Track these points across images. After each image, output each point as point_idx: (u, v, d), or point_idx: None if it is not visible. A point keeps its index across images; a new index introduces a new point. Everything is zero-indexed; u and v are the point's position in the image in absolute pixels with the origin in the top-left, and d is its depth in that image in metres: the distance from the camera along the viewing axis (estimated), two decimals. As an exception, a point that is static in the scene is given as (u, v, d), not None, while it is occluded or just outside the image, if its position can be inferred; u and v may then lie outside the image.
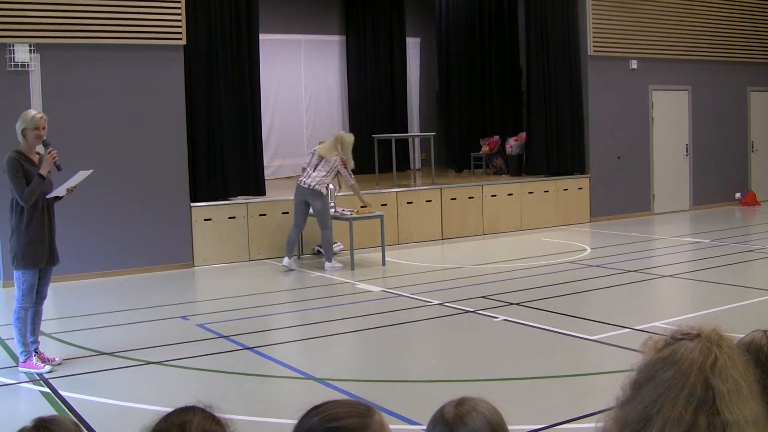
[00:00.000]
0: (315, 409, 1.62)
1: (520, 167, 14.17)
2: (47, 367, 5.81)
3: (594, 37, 13.59)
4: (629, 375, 1.61)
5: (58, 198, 6.13)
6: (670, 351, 1.56)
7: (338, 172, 9.88)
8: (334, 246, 10.93)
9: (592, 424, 4.59)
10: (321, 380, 5.49)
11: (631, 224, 13.27)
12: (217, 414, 1.73)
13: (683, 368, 1.51)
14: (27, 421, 1.71)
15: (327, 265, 9.88)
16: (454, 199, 12.35)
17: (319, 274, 9.70)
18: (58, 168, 5.97)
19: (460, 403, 1.65)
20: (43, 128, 5.92)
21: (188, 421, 1.65)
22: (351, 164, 10.04)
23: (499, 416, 1.66)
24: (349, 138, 10.14)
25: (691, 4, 14.72)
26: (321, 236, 10.04)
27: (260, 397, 5.33)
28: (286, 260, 9.89)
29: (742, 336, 1.89)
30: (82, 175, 6.15)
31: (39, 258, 5.86)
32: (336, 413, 1.59)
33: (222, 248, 10.53)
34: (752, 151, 16.05)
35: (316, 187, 9.69)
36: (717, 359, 1.49)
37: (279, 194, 11.48)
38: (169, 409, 1.73)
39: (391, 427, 1.70)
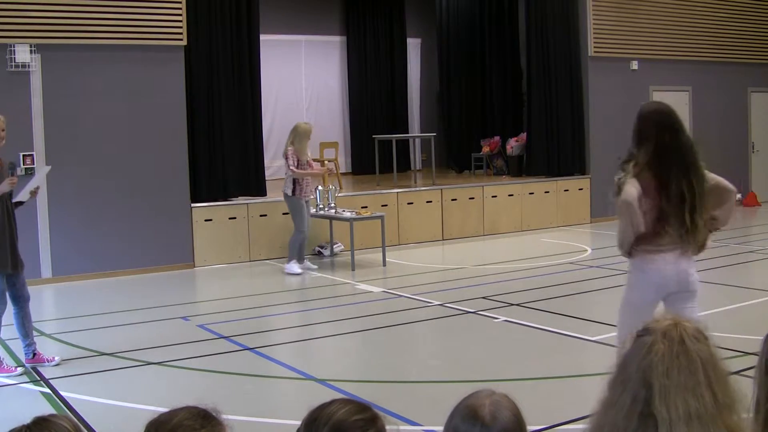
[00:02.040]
0: (317, 418, 1.63)
1: (520, 168, 14.16)
2: (19, 370, 5.79)
3: (594, 37, 13.59)
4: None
5: (20, 203, 6.06)
6: (627, 352, 1.57)
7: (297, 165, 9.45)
8: (335, 246, 10.94)
9: (593, 425, 4.52)
10: (322, 381, 5.48)
11: (632, 225, 13.23)
12: (217, 416, 1.73)
13: (629, 372, 1.52)
14: (26, 421, 1.71)
15: (285, 266, 9.73)
16: (455, 199, 12.34)
17: (319, 274, 9.70)
18: (10, 197, 5.86)
19: (493, 401, 1.63)
20: (3, 130, 5.79)
21: (167, 420, 1.66)
22: (305, 156, 9.55)
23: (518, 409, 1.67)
24: (303, 127, 9.72)
25: (692, 5, 14.71)
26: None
27: (261, 397, 5.32)
28: (297, 267, 9.69)
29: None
30: (43, 173, 6.14)
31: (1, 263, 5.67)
32: (348, 410, 1.62)
33: (222, 249, 10.53)
34: (752, 152, 16.04)
35: (283, 189, 9.65)
36: (654, 357, 1.49)
37: (279, 195, 11.43)
38: (168, 410, 1.74)
39: (391, 427, 1.70)
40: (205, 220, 10.48)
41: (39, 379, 5.66)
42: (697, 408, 1.45)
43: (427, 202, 12.11)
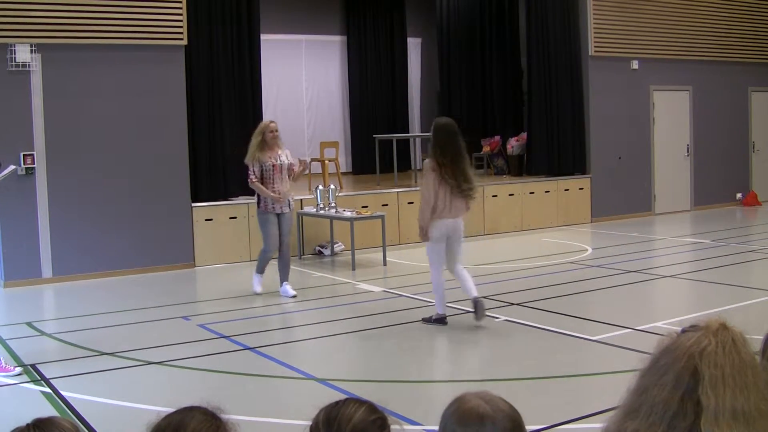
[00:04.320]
0: (336, 417, 1.63)
1: (521, 167, 14.16)
2: (18, 369, 5.78)
3: (595, 37, 13.59)
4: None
5: None
6: (671, 341, 1.56)
7: (263, 178, 8.11)
8: (335, 246, 10.91)
9: (593, 425, 4.60)
10: (322, 380, 5.49)
11: (632, 224, 13.26)
12: (221, 416, 1.73)
13: (675, 355, 1.51)
14: (27, 421, 1.71)
15: (256, 284, 8.42)
16: (455, 199, 12.32)
17: (320, 274, 9.70)
18: None
19: (485, 398, 1.63)
20: None
21: (185, 423, 1.65)
22: (253, 156, 8.12)
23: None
24: (260, 123, 8.39)
25: (692, 5, 14.71)
26: None
27: (261, 397, 5.33)
28: (258, 284, 8.53)
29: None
30: (8, 170, 6.17)
31: None
32: (365, 410, 1.65)
33: (223, 248, 10.53)
34: (753, 152, 16.04)
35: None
36: (707, 346, 1.49)
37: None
38: (170, 410, 1.73)
39: (395, 427, 1.71)
40: (206, 220, 10.48)
41: (39, 378, 5.66)
42: (743, 406, 1.45)
43: (428, 201, 12.09)
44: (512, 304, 7.61)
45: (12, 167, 6.31)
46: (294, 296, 8.26)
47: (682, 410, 1.46)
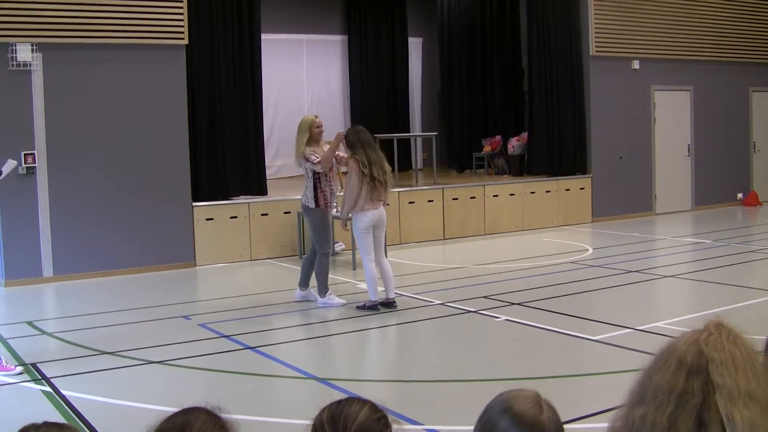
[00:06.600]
0: (340, 417, 1.64)
1: (521, 167, 14.16)
2: (19, 368, 5.78)
3: (596, 37, 13.58)
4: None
5: None
6: (672, 340, 1.56)
7: (318, 173, 7.67)
8: (336, 246, 10.89)
9: (593, 425, 4.61)
10: (323, 380, 5.49)
11: (633, 224, 13.26)
12: (222, 415, 1.73)
13: (678, 345, 1.51)
14: (28, 420, 1.71)
15: (320, 300, 7.84)
16: (456, 199, 12.34)
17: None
18: None
19: (545, 404, 1.62)
20: None
21: (189, 424, 1.65)
22: (301, 149, 7.70)
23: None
24: (303, 119, 7.94)
25: (693, 5, 14.70)
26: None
27: (262, 396, 5.33)
28: (335, 296, 7.96)
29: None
30: (10, 165, 6.18)
31: None
32: (368, 410, 1.65)
33: (224, 248, 10.53)
34: (754, 152, 16.04)
35: (302, 200, 7.93)
36: (711, 335, 1.50)
37: (280, 194, 11.48)
38: (171, 409, 1.73)
39: (395, 426, 1.71)
40: (207, 219, 10.48)
41: (40, 377, 5.67)
42: (755, 390, 1.45)
43: (429, 201, 12.11)
44: (512, 303, 7.61)
45: (13, 163, 6.29)
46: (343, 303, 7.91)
47: (689, 389, 1.45)
